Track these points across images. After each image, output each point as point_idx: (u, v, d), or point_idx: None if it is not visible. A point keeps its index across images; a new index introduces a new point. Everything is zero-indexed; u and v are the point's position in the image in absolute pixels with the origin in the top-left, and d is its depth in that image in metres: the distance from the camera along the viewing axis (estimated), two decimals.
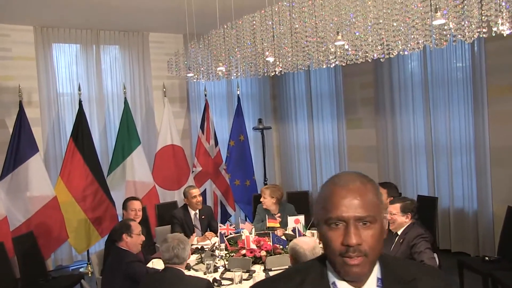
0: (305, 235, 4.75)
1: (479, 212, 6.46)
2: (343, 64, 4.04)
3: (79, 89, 6.92)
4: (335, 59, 4.01)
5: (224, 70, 4.66)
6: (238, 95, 8.40)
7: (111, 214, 6.96)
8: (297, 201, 6.09)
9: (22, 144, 6.41)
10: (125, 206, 5.15)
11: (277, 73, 4.47)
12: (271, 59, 4.10)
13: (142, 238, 4.13)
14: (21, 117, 6.46)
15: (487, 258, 5.13)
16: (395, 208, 4.10)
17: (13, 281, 5.01)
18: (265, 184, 8.48)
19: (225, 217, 7.91)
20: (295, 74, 8.93)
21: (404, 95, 7.17)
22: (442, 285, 1.49)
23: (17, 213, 6.32)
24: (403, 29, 3.19)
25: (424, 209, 5.35)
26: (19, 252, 5.29)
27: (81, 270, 7.11)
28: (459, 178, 6.70)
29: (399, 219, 4.07)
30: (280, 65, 4.34)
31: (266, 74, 4.75)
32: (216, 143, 7.96)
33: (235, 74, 4.92)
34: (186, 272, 3.67)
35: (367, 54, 3.74)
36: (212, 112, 8.13)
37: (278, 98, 9.38)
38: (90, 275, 6.64)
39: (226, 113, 8.80)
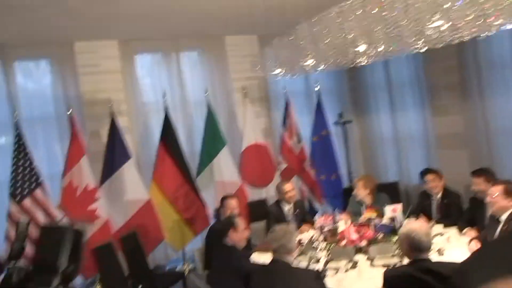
0: None
1: None
2: (439, 46, 3.93)
3: (164, 96, 7.16)
4: (427, 42, 3.91)
5: (312, 63, 4.67)
6: (317, 90, 8.37)
7: (203, 214, 7.15)
8: (387, 192, 5.97)
9: (116, 152, 6.73)
10: (222, 203, 5.33)
11: (368, 62, 4.45)
12: (362, 48, 4.05)
13: (247, 233, 4.23)
14: (114, 127, 6.79)
15: None
16: (497, 189, 3.90)
17: (123, 279, 5.26)
18: (350, 178, 8.44)
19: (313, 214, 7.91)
20: (373, 64, 8.72)
21: (493, 77, 6.85)
22: None
23: (117, 216, 6.64)
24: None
25: None
26: (125, 251, 5.55)
27: (177, 269, 7.33)
28: None
29: (501, 202, 3.86)
30: (372, 53, 4.29)
31: (355, 64, 4.74)
32: (300, 140, 7.99)
33: (323, 66, 4.91)
34: None
35: (463, 33, 3.61)
36: (293, 109, 8.15)
37: (357, 91, 9.24)
38: (186, 273, 6.83)
39: (305, 110, 8.78)
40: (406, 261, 3.62)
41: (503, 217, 3.84)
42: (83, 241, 1.81)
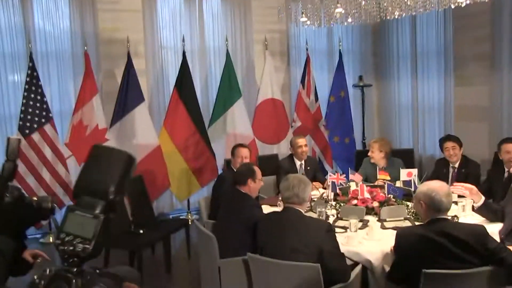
0: None
1: None
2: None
3: (183, 41, 6.97)
4: None
5: (342, 12, 4.45)
6: (339, 50, 8.14)
7: (211, 165, 7.06)
8: (401, 159, 5.82)
9: (129, 93, 6.59)
10: (233, 152, 5.19)
11: (397, 16, 4.25)
12: None
13: (262, 183, 4.12)
14: (129, 68, 6.62)
15: None
16: None
17: (127, 222, 5.21)
18: (364, 143, 8.28)
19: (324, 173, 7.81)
20: (399, 30, 8.50)
21: None
22: None
23: None
24: None
25: None
26: (130, 194, 5.47)
27: (181, 217, 7.30)
28: None
29: None
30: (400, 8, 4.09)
31: (383, 18, 4.55)
32: (316, 99, 7.80)
33: (350, 20, 4.70)
34: None
35: None
36: (313, 67, 7.94)
37: (380, 55, 8.98)
38: (190, 223, 6.78)
39: (326, 69, 8.58)
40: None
41: None
42: (132, 169, 1.63)
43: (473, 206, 3.95)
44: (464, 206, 4.11)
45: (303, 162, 5.68)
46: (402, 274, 2.98)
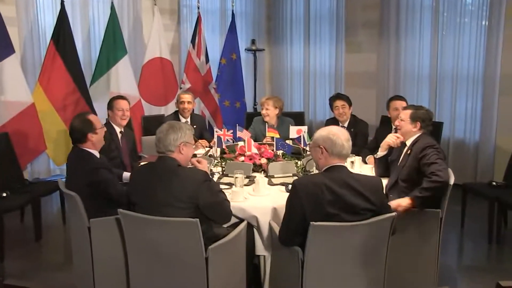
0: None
1: (480, 143, 6.25)
2: None
3: None
4: None
5: None
6: (232, 11, 7.86)
7: None
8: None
9: None
10: (110, 106, 4.63)
11: None
12: None
13: (105, 129, 3.67)
14: None
15: (494, 183, 4.88)
16: (405, 114, 3.76)
17: None
18: (255, 108, 8.13)
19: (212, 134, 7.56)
20: None
21: (411, 19, 6.75)
22: None
23: None
24: None
25: None
26: None
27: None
28: (462, 107, 6.42)
29: (406, 126, 3.72)
30: None
31: None
32: (207, 60, 7.47)
33: None
34: None
35: None
36: (204, 28, 7.58)
37: (273, 19, 8.83)
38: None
39: (218, 31, 8.26)
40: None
41: (408, 142, 3.71)
42: None
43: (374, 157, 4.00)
44: (354, 163, 4.05)
45: (188, 120, 5.36)
46: (294, 228, 2.73)
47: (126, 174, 4.22)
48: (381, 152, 3.91)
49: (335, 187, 2.61)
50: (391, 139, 3.82)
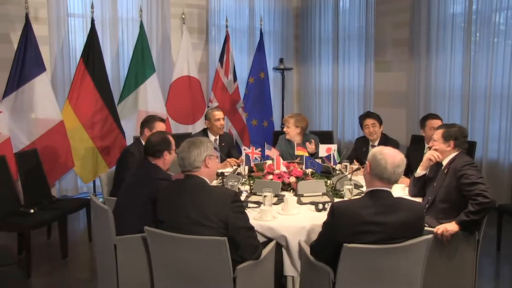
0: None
1: None
2: None
3: (92, 7, 6.39)
4: None
5: None
6: (260, 29, 7.86)
7: (120, 144, 6.53)
8: (321, 140, 5.61)
9: (28, 61, 5.92)
10: (149, 125, 4.50)
11: None
12: None
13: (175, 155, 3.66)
14: (28, 32, 5.94)
15: None
16: (438, 134, 3.63)
17: (16, 201, 4.64)
18: (282, 127, 8.04)
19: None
20: (322, 13, 8.39)
21: (442, 36, 6.62)
22: None
23: (21, 134, 5.89)
24: None
25: None
26: (22, 170, 4.88)
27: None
28: (496, 127, 6.22)
29: (440, 146, 3.58)
30: None
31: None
32: (235, 79, 7.47)
33: None
34: None
35: None
36: (233, 47, 7.60)
37: (302, 38, 8.82)
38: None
39: (246, 50, 8.27)
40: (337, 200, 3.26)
41: (444, 162, 3.57)
42: None
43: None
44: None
45: (217, 137, 5.27)
46: (327, 250, 2.62)
47: None
48: (420, 171, 3.77)
49: (373, 218, 2.50)
50: (431, 153, 3.67)
